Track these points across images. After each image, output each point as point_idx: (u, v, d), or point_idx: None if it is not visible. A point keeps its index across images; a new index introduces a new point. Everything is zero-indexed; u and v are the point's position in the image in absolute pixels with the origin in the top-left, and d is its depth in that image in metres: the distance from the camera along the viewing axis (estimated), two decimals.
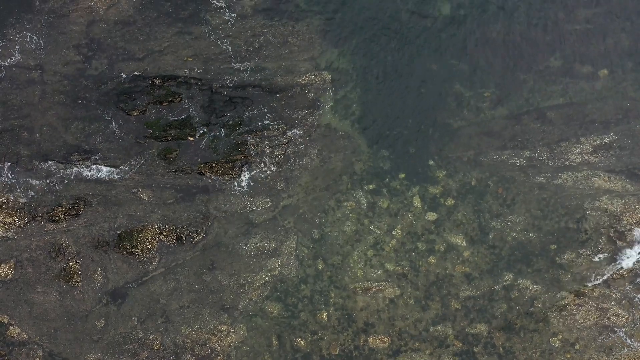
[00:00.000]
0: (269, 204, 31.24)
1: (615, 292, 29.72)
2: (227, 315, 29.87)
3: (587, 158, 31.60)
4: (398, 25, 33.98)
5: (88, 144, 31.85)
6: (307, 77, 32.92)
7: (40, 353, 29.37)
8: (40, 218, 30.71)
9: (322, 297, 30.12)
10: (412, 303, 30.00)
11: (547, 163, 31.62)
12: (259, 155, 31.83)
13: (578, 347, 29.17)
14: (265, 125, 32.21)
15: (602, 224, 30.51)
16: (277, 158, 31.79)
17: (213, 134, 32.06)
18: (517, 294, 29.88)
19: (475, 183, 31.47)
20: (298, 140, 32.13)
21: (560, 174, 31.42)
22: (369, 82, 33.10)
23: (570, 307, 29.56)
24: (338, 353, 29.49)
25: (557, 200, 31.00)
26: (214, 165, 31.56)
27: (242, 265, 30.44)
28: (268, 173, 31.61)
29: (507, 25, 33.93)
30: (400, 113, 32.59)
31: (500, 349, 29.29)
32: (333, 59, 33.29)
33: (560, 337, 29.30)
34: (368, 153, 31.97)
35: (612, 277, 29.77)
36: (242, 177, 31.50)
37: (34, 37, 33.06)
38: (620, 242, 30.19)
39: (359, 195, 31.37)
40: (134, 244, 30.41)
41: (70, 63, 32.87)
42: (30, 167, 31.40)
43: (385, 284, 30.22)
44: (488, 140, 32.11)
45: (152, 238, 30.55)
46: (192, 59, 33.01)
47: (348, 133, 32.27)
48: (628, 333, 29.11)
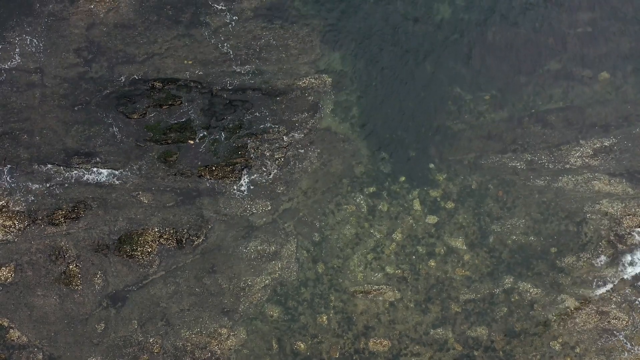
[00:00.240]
0: (269, 207, 31.22)
1: (616, 295, 29.71)
2: (227, 319, 29.86)
3: (587, 161, 31.58)
4: (398, 29, 33.96)
5: (88, 147, 31.84)
6: (307, 80, 32.89)
7: (40, 356, 29.36)
8: (40, 221, 30.70)
9: (322, 300, 30.10)
10: (412, 306, 29.98)
11: (547, 166, 31.60)
12: (259, 159, 31.81)
13: (578, 350, 29.15)
14: (266, 129, 32.19)
15: (602, 227, 30.50)
16: (277, 161, 31.77)
17: (213, 137, 32.04)
18: (517, 297, 29.86)
19: (476, 186, 31.45)
20: (298, 144, 32.11)
21: (561, 177, 31.40)
22: (369, 85, 33.08)
23: (571, 310, 29.55)
24: (338, 356, 29.48)
25: (557, 204, 30.98)
26: (214, 169, 31.54)
27: (242, 269, 30.42)
28: (268, 176, 31.60)
29: (507, 29, 33.93)
30: (401, 116, 32.57)
31: (501, 353, 29.27)
32: (333, 62, 33.26)
33: (561, 340, 29.28)
34: (368, 156, 31.95)
35: (616, 284, 29.82)
36: (242, 180, 31.49)
37: (34, 40, 33.02)
38: (621, 245, 30.17)
39: (359, 199, 31.34)
40: (134, 247, 30.39)
41: (70, 66, 32.84)
42: (30, 170, 31.38)
43: (386, 287, 30.20)
44: (488, 144, 32.09)
45: (152, 241, 30.54)
46: (192, 62, 32.98)
47: (348, 136, 32.25)
48: (628, 337, 29.09)
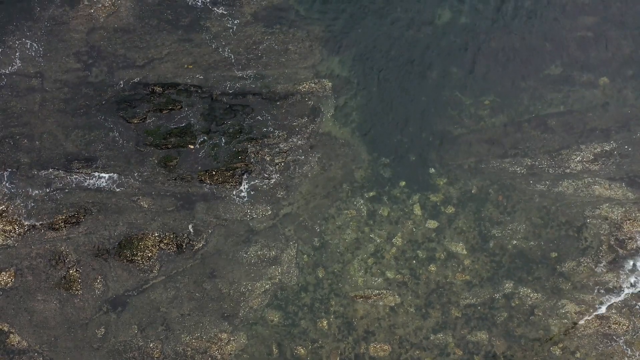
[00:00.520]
0: (269, 212, 31.20)
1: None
2: (227, 324, 29.84)
3: (587, 166, 31.57)
4: (398, 33, 33.97)
5: (88, 152, 31.82)
6: (307, 84, 32.89)
7: None
8: (41, 226, 30.69)
9: (322, 305, 30.09)
10: (412, 311, 29.97)
11: (547, 171, 31.60)
12: (259, 163, 31.80)
13: (578, 355, 29.13)
14: (266, 133, 32.19)
15: (602, 232, 30.49)
16: (277, 166, 31.76)
17: (213, 142, 32.03)
18: (517, 302, 29.84)
19: (476, 191, 31.43)
20: (298, 148, 32.10)
21: (561, 182, 31.39)
22: (370, 89, 33.07)
23: (571, 315, 29.53)
24: None
25: (557, 208, 30.97)
26: (215, 173, 31.53)
27: (242, 273, 30.40)
28: (268, 181, 31.58)
29: (507, 34, 33.94)
30: (401, 121, 32.56)
31: (501, 357, 29.25)
32: (333, 67, 33.26)
33: (561, 345, 29.26)
34: (368, 161, 31.94)
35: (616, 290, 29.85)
36: (242, 185, 31.47)
37: (34, 44, 33.02)
38: (621, 250, 30.15)
39: (360, 203, 31.33)
40: (134, 252, 30.38)
41: (71, 70, 32.84)
42: (31, 175, 31.36)
43: (386, 292, 30.18)
44: (489, 148, 32.08)
45: (152, 246, 30.52)
46: (192, 67, 32.98)
47: (348, 141, 32.24)
48: (628, 342, 29.06)
